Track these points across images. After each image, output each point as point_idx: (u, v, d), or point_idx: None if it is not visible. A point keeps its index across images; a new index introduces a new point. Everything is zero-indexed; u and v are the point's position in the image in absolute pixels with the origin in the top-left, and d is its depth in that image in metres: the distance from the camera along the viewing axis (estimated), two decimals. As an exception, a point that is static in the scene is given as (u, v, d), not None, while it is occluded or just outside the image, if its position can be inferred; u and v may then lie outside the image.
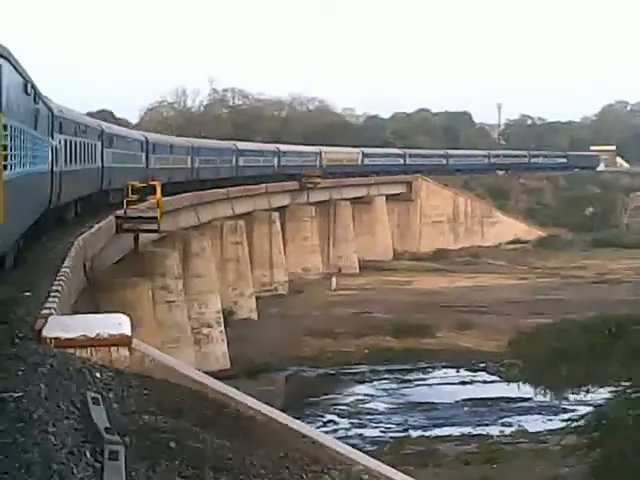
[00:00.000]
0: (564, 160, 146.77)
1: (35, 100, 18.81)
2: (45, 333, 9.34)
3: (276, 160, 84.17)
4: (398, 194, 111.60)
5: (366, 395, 49.28)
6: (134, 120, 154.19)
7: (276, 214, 74.80)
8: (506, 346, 46.60)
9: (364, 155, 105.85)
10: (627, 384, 26.26)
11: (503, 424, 42.16)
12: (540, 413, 42.76)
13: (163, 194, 36.97)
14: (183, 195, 52.28)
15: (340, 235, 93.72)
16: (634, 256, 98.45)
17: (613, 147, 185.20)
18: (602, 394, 31.62)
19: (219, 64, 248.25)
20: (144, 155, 49.37)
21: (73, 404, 6.88)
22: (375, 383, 52.14)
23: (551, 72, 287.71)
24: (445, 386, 50.71)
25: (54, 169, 25.01)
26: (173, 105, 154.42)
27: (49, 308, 10.39)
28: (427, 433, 41.10)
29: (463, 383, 51.13)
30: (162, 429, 6.87)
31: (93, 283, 28.96)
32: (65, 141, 27.49)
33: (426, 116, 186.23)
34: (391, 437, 40.38)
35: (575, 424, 27.60)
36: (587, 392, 33.37)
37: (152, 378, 9.01)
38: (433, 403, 46.96)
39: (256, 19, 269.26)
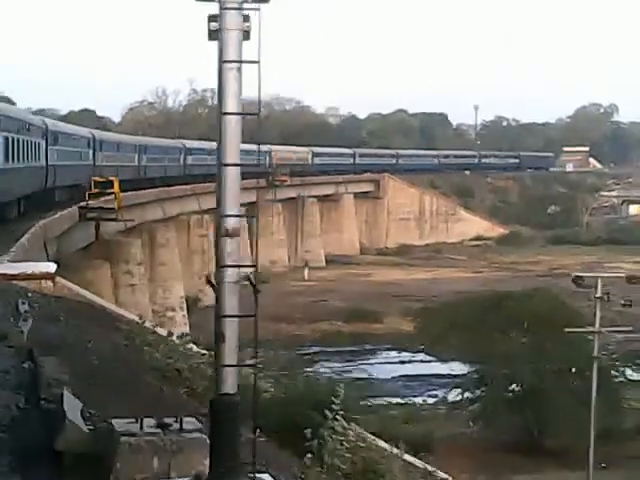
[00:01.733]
0: (516, 160, 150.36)
1: None
2: (-1, 270, 14.60)
3: None
4: (366, 192, 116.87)
5: (312, 372, 54.39)
6: (116, 119, 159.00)
7: (242, 209, 79.70)
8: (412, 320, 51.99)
9: (314, 154, 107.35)
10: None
11: (429, 395, 47.34)
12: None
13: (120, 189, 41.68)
14: (150, 190, 57.32)
15: (307, 231, 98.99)
16: (588, 253, 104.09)
17: (586, 148, 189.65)
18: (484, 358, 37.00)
19: (199, 65, 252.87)
20: (91, 152, 49.21)
21: (10, 305, 11.92)
22: (323, 362, 57.31)
23: (527, 74, 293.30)
24: (386, 365, 55.99)
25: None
26: (154, 105, 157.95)
27: (3, 259, 15.51)
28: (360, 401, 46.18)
29: (402, 362, 56.34)
30: (59, 317, 11.92)
31: (59, 264, 34.07)
32: (6, 139, 27.37)
33: (402, 117, 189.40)
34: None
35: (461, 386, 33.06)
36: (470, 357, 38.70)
37: (64, 298, 14.16)
38: (372, 379, 52.16)
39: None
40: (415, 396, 47.56)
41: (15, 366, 8.33)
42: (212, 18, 6.29)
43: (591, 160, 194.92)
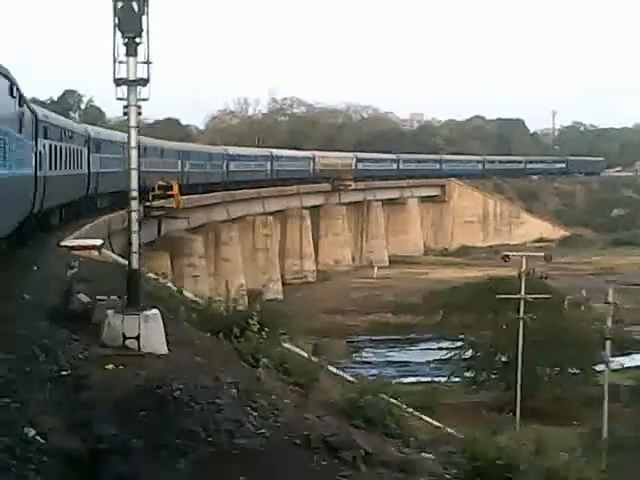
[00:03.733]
0: (563, 165, 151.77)
1: None
2: (61, 243, 21.64)
3: (269, 165, 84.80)
4: (432, 196, 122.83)
5: (357, 355, 61.01)
6: (201, 128, 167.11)
7: (306, 212, 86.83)
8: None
9: (358, 160, 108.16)
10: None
11: (455, 376, 53.32)
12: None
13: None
14: (216, 194, 64.61)
15: (372, 232, 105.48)
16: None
17: None
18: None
19: (280, 74, 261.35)
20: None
21: (67, 264, 18.73)
22: (369, 349, 63.86)
23: (605, 79, 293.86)
24: (424, 351, 62.08)
25: None
26: (235, 113, 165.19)
27: (66, 237, 22.60)
28: (392, 380, 52.62)
29: (440, 349, 62.30)
30: (100, 273, 18.79)
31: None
32: (50, 146, 27.69)
33: (479, 123, 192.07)
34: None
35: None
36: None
37: (106, 262, 21.05)
38: (407, 362, 58.49)
39: (314, 32, 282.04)
40: (442, 376, 53.51)
41: (62, 288, 15.13)
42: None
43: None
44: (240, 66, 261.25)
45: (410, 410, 15.54)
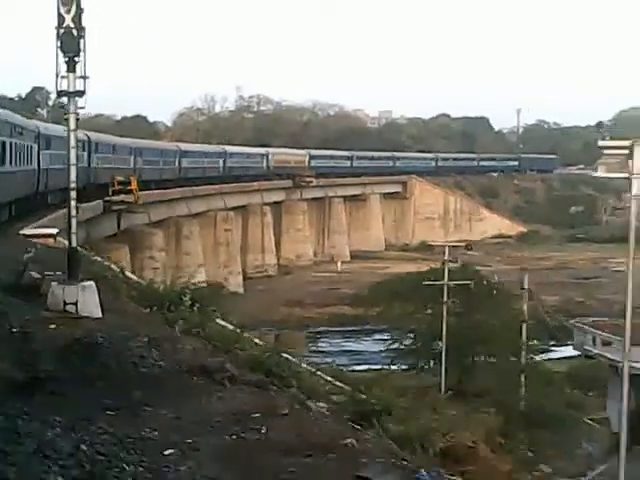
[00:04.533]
0: (515, 163, 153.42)
1: None
2: (20, 232, 23.90)
3: (222, 161, 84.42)
4: (394, 193, 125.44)
5: (313, 345, 63.38)
6: (169, 124, 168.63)
7: (267, 208, 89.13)
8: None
9: (311, 157, 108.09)
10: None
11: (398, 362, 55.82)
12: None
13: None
14: (177, 189, 66.72)
15: (334, 228, 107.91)
16: (597, 250, 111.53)
17: (627, 151, 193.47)
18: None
19: (247, 72, 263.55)
20: (86, 155, 47.91)
21: (25, 249, 20.96)
22: (325, 339, 66.29)
23: (568, 78, 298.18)
24: (378, 341, 64.53)
25: None
26: (202, 111, 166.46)
27: (25, 227, 24.88)
28: (344, 368, 55.08)
29: (392, 339, 64.82)
30: (53, 256, 21.03)
31: (88, 247, 43.45)
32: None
33: (445, 121, 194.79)
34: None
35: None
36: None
37: (59, 248, 23.41)
38: (361, 351, 60.95)
39: (281, 29, 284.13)
40: (393, 364, 56.00)
41: (18, 268, 17.34)
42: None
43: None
44: (208, 63, 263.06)
45: (320, 374, 17.68)
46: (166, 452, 6.53)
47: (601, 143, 23.80)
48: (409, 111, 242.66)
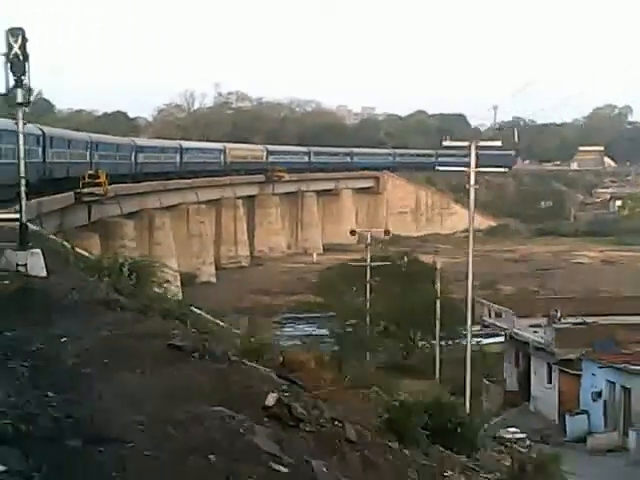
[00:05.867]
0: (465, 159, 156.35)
1: None
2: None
3: (178, 157, 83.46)
4: (367, 188, 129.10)
5: (278, 330, 66.83)
6: (150, 120, 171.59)
7: (240, 201, 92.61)
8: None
9: (269, 152, 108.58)
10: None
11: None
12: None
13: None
14: (149, 183, 70.03)
15: (307, 222, 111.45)
16: (563, 243, 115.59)
17: (601, 148, 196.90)
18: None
19: (225, 69, 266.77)
20: (40, 150, 47.63)
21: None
22: (290, 324, 69.74)
23: (545, 76, 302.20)
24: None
25: None
26: (181, 107, 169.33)
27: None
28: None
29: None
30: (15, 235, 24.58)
31: (61, 237, 46.80)
32: None
33: (421, 118, 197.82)
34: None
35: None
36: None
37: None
38: (323, 335, 64.41)
39: (261, 26, 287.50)
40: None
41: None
42: None
43: (606, 159, 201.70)
44: (188, 60, 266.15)
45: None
46: (62, 339, 10.02)
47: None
48: (394, 108, 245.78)
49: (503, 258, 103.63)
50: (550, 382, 35.56)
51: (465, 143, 23.19)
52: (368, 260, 45.88)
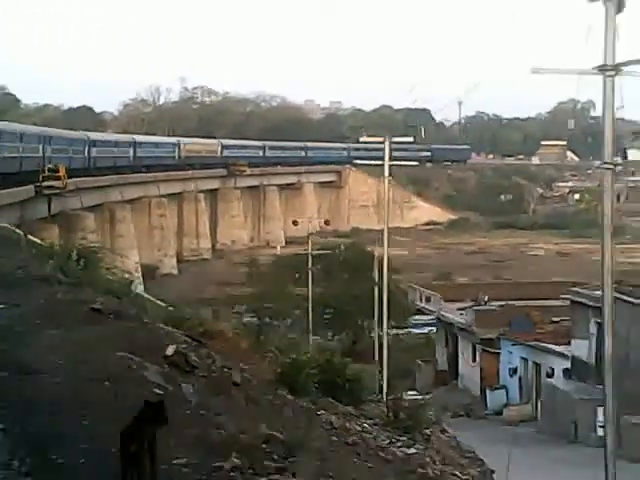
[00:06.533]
0: (428, 154, 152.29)
1: None
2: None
3: (132, 151, 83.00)
4: (329, 182, 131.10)
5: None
6: (116, 114, 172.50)
7: (201, 195, 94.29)
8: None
9: (223, 147, 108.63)
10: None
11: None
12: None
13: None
14: (110, 176, 71.57)
15: (269, 215, 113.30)
16: (521, 236, 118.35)
17: (564, 142, 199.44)
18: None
19: (190, 64, 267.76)
20: None
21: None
22: (250, 315, 71.62)
23: (508, 72, 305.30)
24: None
25: None
26: (147, 102, 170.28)
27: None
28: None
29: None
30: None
31: (22, 229, 48.38)
32: None
33: (387, 112, 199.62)
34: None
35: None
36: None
37: None
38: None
39: (226, 22, 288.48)
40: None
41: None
42: None
43: (569, 154, 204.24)
44: (154, 55, 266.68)
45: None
46: (1, 307, 11.91)
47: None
48: (362, 104, 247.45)
49: (462, 251, 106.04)
50: (474, 361, 38.60)
51: (380, 139, 25.06)
52: (309, 248, 47.91)
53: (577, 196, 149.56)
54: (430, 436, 12.82)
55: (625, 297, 24.23)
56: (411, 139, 51.25)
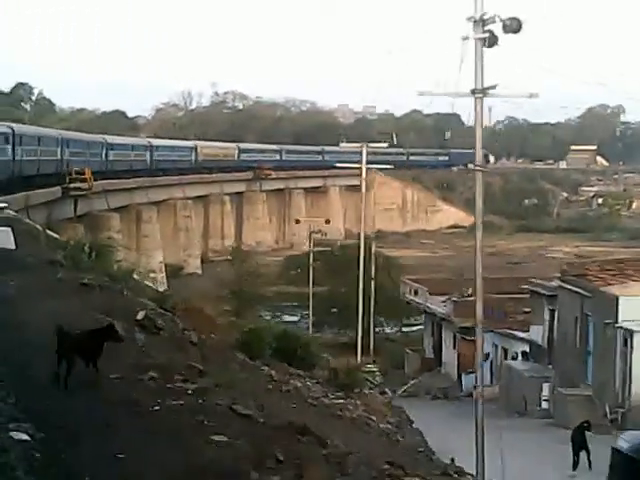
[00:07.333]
0: (446, 158, 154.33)
1: None
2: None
3: (149, 155, 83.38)
4: (354, 185, 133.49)
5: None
6: (148, 119, 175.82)
7: (227, 197, 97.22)
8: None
9: (241, 150, 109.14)
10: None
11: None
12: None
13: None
14: (138, 179, 74.64)
15: (294, 217, 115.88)
16: (541, 239, 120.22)
17: (594, 147, 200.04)
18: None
19: (222, 69, 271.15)
20: (10, 148, 48.18)
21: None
22: (269, 313, 74.44)
23: (538, 76, 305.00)
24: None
25: None
26: (179, 106, 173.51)
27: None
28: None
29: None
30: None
31: (49, 228, 51.38)
32: None
33: (417, 117, 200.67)
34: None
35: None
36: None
37: (14, 219, 31.54)
38: (290, 322, 69.14)
39: (257, 27, 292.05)
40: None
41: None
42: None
43: (598, 158, 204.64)
44: (187, 60, 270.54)
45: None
46: (11, 282, 14.71)
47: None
48: (395, 109, 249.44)
49: (482, 253, 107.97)
50: (455, 348, 41.82)
51: (358, 144, 27.80)
52: (311, 246, 50.74)
53: (600, 200, 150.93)
54: (367, 395, 15.37)
55: (565, 285, 26.84)
56: (385, 145, 54.58)
